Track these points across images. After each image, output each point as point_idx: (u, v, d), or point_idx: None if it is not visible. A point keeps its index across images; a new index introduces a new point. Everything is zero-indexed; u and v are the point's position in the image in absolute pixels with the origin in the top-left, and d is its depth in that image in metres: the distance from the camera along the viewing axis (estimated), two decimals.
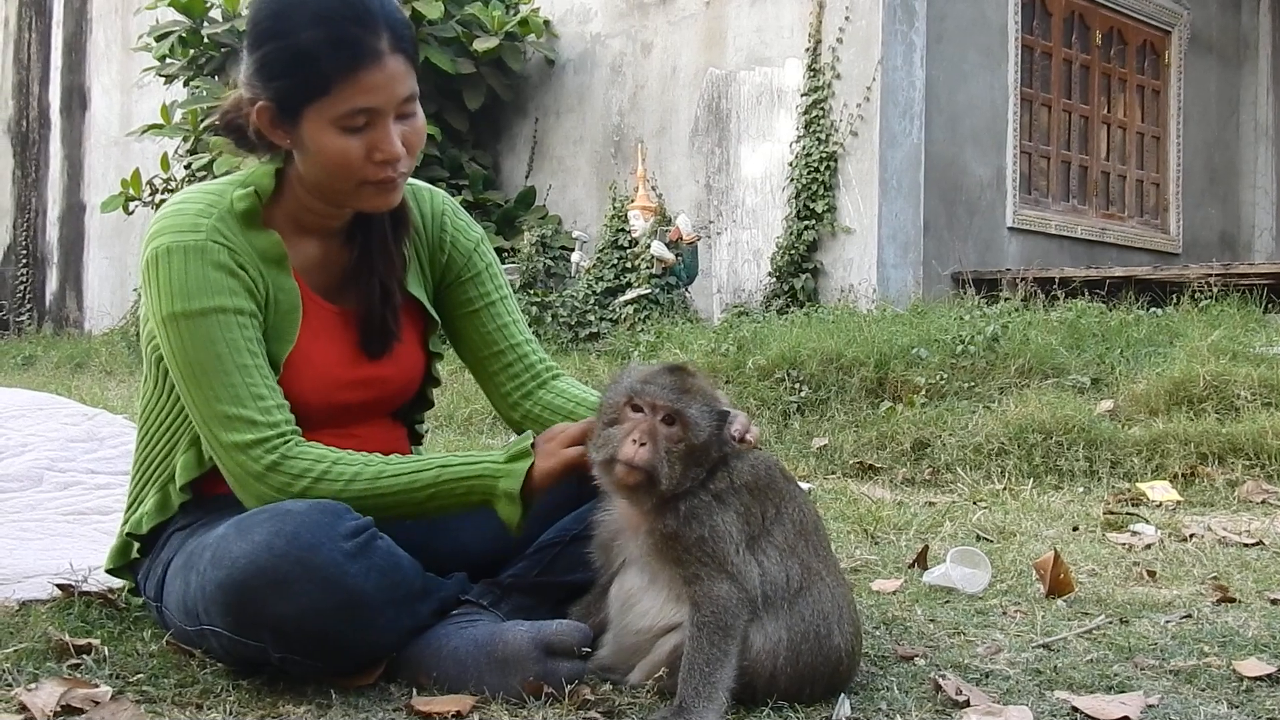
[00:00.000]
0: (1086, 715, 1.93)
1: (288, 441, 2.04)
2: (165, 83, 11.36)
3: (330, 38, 1.98)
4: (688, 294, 9.08)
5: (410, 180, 2.31)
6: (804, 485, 2.51)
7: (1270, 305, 7.13)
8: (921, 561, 3.19)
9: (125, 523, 2.28)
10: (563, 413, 2.33)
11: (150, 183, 11.40)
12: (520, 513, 2.07)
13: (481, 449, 2.22)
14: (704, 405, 1.96)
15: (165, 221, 2.09)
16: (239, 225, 2.10)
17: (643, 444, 1.93)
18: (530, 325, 8.67)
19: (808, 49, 9.07)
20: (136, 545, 2.26)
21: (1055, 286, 8.06)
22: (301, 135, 2.06)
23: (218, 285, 2.05)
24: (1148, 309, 7.20)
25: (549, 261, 9.77)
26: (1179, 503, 4.37)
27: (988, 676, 2.16)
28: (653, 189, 9.62)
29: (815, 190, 8.93)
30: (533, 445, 2.10)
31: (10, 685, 1.88)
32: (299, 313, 2.14)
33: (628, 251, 9.22)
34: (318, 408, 2.17)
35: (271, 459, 2.02)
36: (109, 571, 2.36)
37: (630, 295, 8.77)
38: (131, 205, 11.52)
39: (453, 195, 2.48)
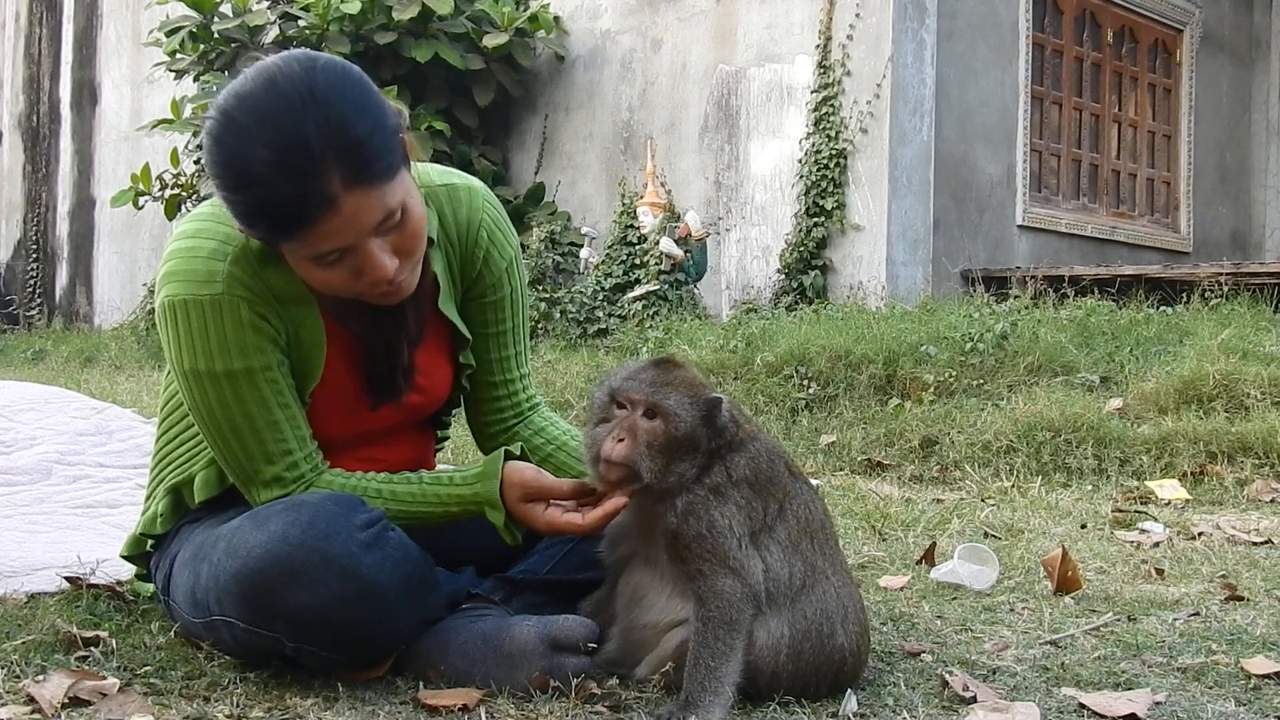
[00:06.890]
0: (1094, 712, 1.93)
1: (307, 483, 2.07)
2: (175, 78, 11.37)
3: (275, 200, 1.82)
4: (696, 290, 9.07)
5: (449, 176, 2.23)
6: (812, 482, 2.50)
7: None
8: (929, 558, 3.19)
9: (143, 513, 2.28)
10: (539, 455, 2.33)
11: (160, 178, 11.41)
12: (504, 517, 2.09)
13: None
14: (685, 395, 1.96)
15: (178, 264, 1.98)
16: (255, 262, 1.98)
17: (620, 439, 1.93)
18: (539, 322, 8.78)
19: (818, 46, 9.05)
20: (150, 541, 2.27)
21: (1065, 285, 8.04)
22: (290, 260, 1.95)
23: (241, 344, 1.98)
24: (1158, 308, 7.19)
25: (558, 258, 9.79)
26: (1188, 501, 4.36)
27: (995, 673, 2.16)
28: (662, 185, 9.62)
29: (825, 187, 8.92)
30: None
31: (18, 677, 1.89)
32: (323, 348, 2.08)
33: (637, 248, 9.22)
34: (343, 435, 2.17)
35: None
36: (124, 557, 2.36)
37: (639, 291, 8.77)
38: (141, 200, 11.55)
39: None
